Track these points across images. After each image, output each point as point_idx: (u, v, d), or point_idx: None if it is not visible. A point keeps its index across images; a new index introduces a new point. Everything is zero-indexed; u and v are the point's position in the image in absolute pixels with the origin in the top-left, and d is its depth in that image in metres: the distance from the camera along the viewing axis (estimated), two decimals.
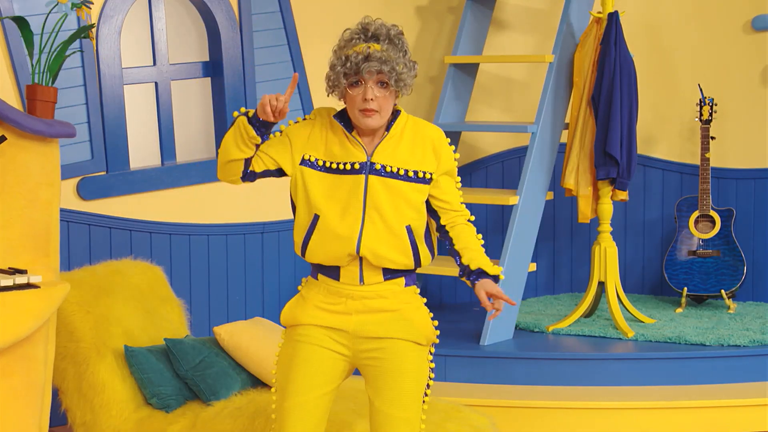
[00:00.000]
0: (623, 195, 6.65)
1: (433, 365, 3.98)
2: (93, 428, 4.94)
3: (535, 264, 6.71)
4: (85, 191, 5.86)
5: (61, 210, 5.58)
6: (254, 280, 6.52)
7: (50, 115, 4.51)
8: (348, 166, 3.85)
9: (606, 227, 6.71)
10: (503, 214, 7.54)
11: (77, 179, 5.84)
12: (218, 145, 6.42)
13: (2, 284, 4.26)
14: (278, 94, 3.76)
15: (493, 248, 7.53)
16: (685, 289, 7.08)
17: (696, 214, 7.12)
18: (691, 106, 7.42)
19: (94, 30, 4.80)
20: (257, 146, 3.85)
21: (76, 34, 4.55)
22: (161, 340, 5.16)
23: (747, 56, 7.36)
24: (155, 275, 5.44)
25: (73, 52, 4.70)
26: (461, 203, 3.95)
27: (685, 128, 7.50)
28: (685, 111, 7.47)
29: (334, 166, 3.86)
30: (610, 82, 6.52)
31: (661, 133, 7.55)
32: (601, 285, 6.72)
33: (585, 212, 6.68)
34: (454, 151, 3.94)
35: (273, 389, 3.99)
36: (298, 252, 3.93)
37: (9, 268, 4.43)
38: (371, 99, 3.78)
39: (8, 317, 4.21)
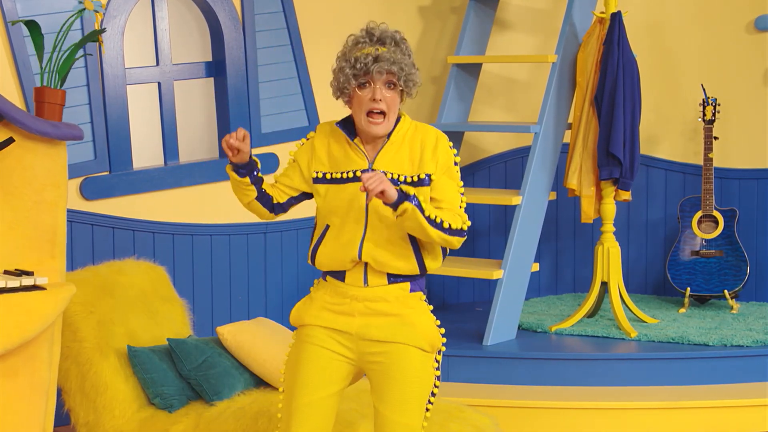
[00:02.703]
0: (626, 195, 6.65)
1: (438, 373, 3.98)
2: (96, 428, 4.94)
3: (538, 264, 6.71)
4: (88, 191, 5.86)
5: None
6: (257, 280, 6.52)
7: (58, 118, 4.51)
8: (350, 174, 3.89)
9: (609, 227, 6.71)
10: (506, 214, 7.55)
11: (80, 179, 5.84)
12: (222, 149, 6.44)
13: (9, 285, 4.26)
14: (227, 137, 3.85)
15: (496, 248, 7.55)
16: (688, 289, 7.09)
17: (699, 214, 7.12)
18: (694, 106, 7.43)
19: (103, 34, 4.79)
20: (257, 184, 3.95)
21: (85, 38, 4.55)
22: (164, 340, 5.16)
23: (750, 56, 7.37)
24: (158, 275, 5.44)
25: (82, 56, 4.70)
26: (461, 207, 3.92)
27: (688, 128, 7.50)
28: (688, 111, 7.47)
29: (337, 175, 3.91)
30: (613, 82, 6.52)
31: (664, 133, 7.55)
32: (604, 285, 6.72)
33: (588, 212, 6.68)
34: (456, 154, 3.95)
35: (281, 389, 4.01)
36: (310, 261, 4.00)
37: (15, 269, 4.43)
38: (380, 99, 3.82)
39: (14, 319, 4.22)
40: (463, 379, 6.20)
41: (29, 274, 4.39)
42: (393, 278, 3.90)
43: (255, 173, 3.93)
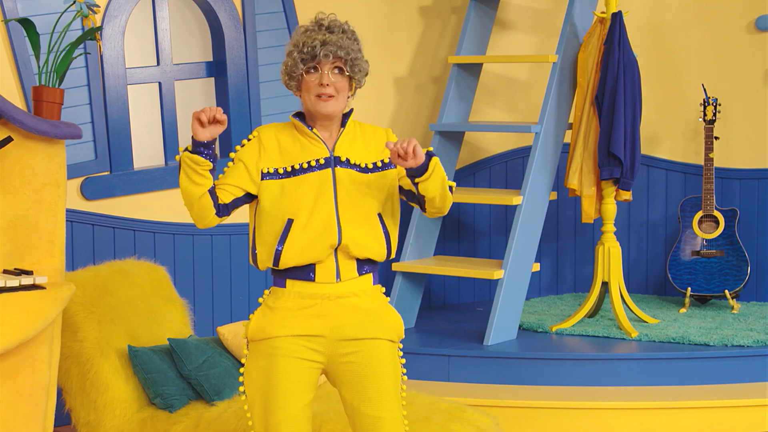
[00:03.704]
0: (627, 195, 6.65)
1: (404, 361, 4.00)
2: (96, 428, 4.94)
3: (538, 264, 6.70)
4: (88, 191, 5.87)
5: (65, 210, 5.58)
6: (257, 280, 6.52)
7: (56, 117, 4.52)
8: (313, 163, 3.87)
9: (610, 227, 6.70)
10: (507, 214, 7.55)
11: (81, 179, 5.85)
12: (223, 149, 6.43)
13: (8, 285, 4.26)
14: (204, 108, 3.79)
15: (497, 248, 7.55)
16: (689, 289, 7.08)
17: (700, 214, 7.12)
18: (694, 106, 7.42)
19: (102, 33, 4.81)
20: (212, 173, 3.85)
21: (83, 37, 4.56)
22: (165, 340, 5.16)
23: (751, 56, 7.36)
24: (159, 275, 5.44)
25: (80, 54, 4.70)
26: None
27: (688, 128, 7.50)
28: (689, 111, 7.47)
29: (296, 166, 3.88)
30: (614, 82, 6.52)
31: (665, 133, 7.55)
32: (605, 285, 6.71)
33: (588, 212, 6.68)
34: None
35: (246, 406, 3.94)
36: (268, 264, 3.90)
37: (15, 268, 4.43)
38: (327, 84, 3.85)
39: (14, 318, 4.22)
40: (463, 379, 6.20)
41: (28, 273, 4.39)
42: (361, 268, 3.91)
43: (213, 161, 3.84)
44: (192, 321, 5.51)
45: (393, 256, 3.98)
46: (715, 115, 7.10)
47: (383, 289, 4.00)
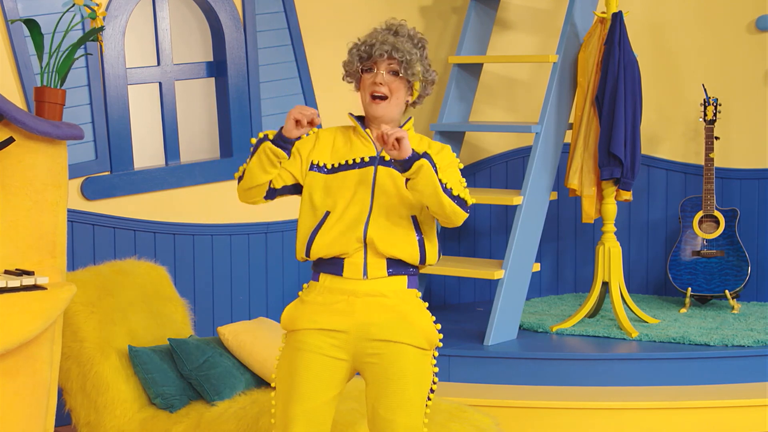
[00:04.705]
0: (627, 195, 6.65)
1: (436, 370, 3.98)
2: (97, 428, 4.94)
3: (539, 264, 6.71)
4: (89, 191, 5.87)
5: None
6: (258, 280, 6.52)
7: (58, 117, 4.52)
8: (357, 159, 3.92)
9: (610, 227, 6.71)
10: (507, 214, 7.55)
11: (81, 179, 5.85)
12: (223, 149, 6.43)
13: (9, 285, 4.26)
14: (302, 108, 3.82)
15: (497, 248, 7.55)
16: (689, 289, 7.08)
17: (700, 214, 7.12)
18: (695, 106, 7.43)
19: (103, 34, 4.81)
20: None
21: (84, 37, 4.56)
22: (165, 340, 5.17)
23: (751, 56, 7.36)
24: (159, 275, 5.44)
25: (82, 55, 4.70)
26: (465, 190, 3.94)
27: (689, 128, 7.50)
28: (689, 111, 7.47)
29: (342, 162, 3.93)
30: (614, 82, 6.52)
31: (665, 133, 7.55)
32: (605, 285, 6.72)
33: (589, 212, 6.68)
34: (457, 156, 3.99)
35: (272, 393, 4.00)
36: (302, 254, 3.96)
37: (16, 269, 4.43)
38: (381, 83, 3.90)
39: (15, 318, 4.22)
40: (464, 379, 6.20)
41: (30, 273, 4.39)
42: (392, 269, 3.92)
43: (289, 154, 3.90)
44: (192, 321, 5.51)
45: (433, 261, 3.97)
46: (715, 115, 7.10)
47: (419, 294, 3.98)
